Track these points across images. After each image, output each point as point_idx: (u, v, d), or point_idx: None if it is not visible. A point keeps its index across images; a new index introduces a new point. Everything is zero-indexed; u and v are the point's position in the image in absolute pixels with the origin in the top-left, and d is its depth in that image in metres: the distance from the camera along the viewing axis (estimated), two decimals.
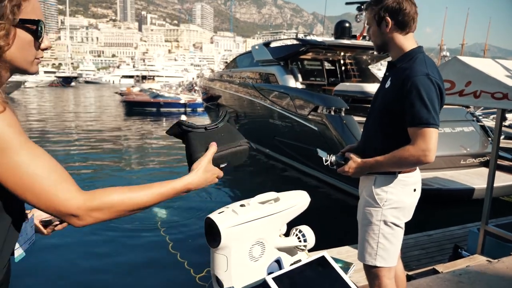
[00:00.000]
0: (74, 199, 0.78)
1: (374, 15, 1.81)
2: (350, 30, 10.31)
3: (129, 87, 34.68)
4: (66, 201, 0.77)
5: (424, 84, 1.63)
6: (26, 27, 0.82)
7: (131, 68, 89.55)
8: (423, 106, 1.61)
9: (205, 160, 0.97)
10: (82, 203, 0.78)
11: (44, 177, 0.75)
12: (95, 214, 0.81)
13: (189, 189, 0.96)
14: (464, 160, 6.85)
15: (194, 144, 0.98)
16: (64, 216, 0.78)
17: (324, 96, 8.03)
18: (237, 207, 1.17)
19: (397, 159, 1.68)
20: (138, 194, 0.86)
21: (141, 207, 0.87)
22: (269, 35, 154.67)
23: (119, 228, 5.72)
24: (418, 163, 1.67)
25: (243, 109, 11.72)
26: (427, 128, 1.61)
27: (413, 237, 4.49)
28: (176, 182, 0.94)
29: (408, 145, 1.65)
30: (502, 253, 3.23)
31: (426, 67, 1.68)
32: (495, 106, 3.50)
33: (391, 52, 1.85)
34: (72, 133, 15.36)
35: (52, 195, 0.75)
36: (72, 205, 0.77)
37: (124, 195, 0.84)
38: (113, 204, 0.82)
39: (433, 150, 1.61)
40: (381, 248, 1.79)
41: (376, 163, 1.75)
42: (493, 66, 3.70)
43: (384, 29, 1.80)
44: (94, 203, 0.80)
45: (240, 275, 1.17)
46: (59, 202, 0.76)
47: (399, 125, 1.71)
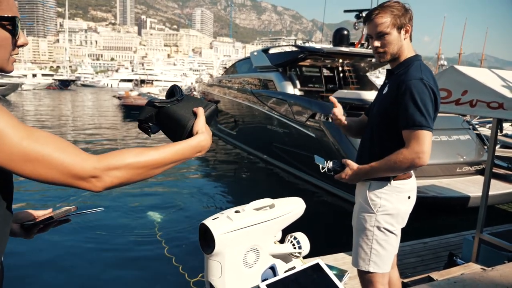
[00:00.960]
0: (88, 159, 0.77)
1: (395, 20, 1.77)
2: (348, 37, 10.38)
3: (128, 91, 34.71)
4: (82, 162, 0.76)
5: (417, 88, 1.65)
6: (1, 24, 0.81)
7: (129, 72, 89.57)
8: (416, 109, 1.63)
9: (202, 121, 0.97)
10: (97, 162, 0.77)
11: (52, 148, 0.73)
12: (113, 173, 0.79)
13: (202, 147, 0.93)
14: (460, 168, 6.88)
15: (182, 114, 0.98)
16: (83, 179, 0.77)
17: (322, 103, 8.07)
18: (232, 213, 1.17)
19: (391, 163, 1.68)
20: (153, 152, 0.84)
21: (159, 164, 0.85)
22: (268, 41, 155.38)
23: (117, 232, 5.72)
24: (412, 166, 1.67)
25: (242, 115, 11.74)
26: (420, 130, 1.63)
27: (409, 245, 4.50)
28: (189, 140, 0.92)
29: (402, 148, 1.66)
30: (496, 261, 3.23)
31: (421, 72, 1.70)
32: (491, 116, 3.53)
33: (394, 61, 1.86)
34: (69, 137, 15.32)
35: (66, 162, 0.74)
36: (88, 165, 0.76)
37: (139, 153, 0.83)
38: (129, 161, 0.80)
39: (427, 153, 1.63)
40: (374, 254, 1.80)
41: (371, 169, 1.76)
42: (489, 75, 3.73)
43: (403, 36, 1.79)
44: (110, 161, 0.79)
45: (234, 282, 1.17)
46: (74, 166, 0.75)
47: (395, 130, 1.73)
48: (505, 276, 2.81)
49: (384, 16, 1.77)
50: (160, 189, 8.28)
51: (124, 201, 7.10)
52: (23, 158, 0.71)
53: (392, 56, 1.83)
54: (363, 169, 1.80)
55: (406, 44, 1.81)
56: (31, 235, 1.04)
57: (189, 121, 0.97)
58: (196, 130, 0.95)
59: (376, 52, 1.85)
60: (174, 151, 0.88)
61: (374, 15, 1.80)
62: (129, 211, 6.71)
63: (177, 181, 8.96)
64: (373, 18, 1.80)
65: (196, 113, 0.98)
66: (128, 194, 7.44)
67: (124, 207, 6.80)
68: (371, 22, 1.81)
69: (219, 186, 9.03)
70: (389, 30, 1.78)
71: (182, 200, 7.48)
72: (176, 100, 1.00)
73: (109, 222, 6.06)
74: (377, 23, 1.78)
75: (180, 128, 0.97)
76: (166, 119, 1.00)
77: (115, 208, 6.66)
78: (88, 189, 0.79)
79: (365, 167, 1.79)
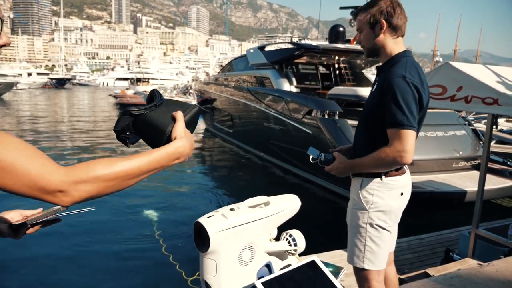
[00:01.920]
0: (56, 172, 0.71)
1: (369, 18, 1.82)
2: (344, 34, 10.37)
3: (124, 90, 34.63)
4: (49, 175, 0.70)
5: (399, 86, 1.65)
6: None
7: (125, 70, 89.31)
8: (398, 108, 1.64)
9: (181, 126, 0.91)
10: (65, 175, 0.71)
11: (19, 157, 0.67)
12: (82, 187, 0.73)
13: (180, 153, 0.87)
14: (456, 163, 6.91)
15: (160, 120, 0.93)
16: (49, 194, 0.71)
17: (318, 99, 8.07)
18: (227, 211, 1.17)
19: (375, 159, 1.71)
20: (126, 162, 0.78)
21: (133, 175, 0.79)
22: (264, 39, 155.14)
23: (113, 232, 5.72)
24: (394, 164, 1.69)
25: (238, 112, 11.73)
26: (402, 129, 1.63)
27: (406, 241, 4.51)
28: (165, 146, 0.86)
29: (385, 146, 1.68)
30: (492, 257, 3.26)
31: (405, 70, 1.70)
32: (486, 111, 3.54)
33: (381, 56, 1.87)
34: (64, 135, 15.27)
35: (32, 174, 0.68)
36: (55, 179, 0.70)
37: (110, 163, 0.77)
38: (99, 173, 0.74)
39: (409, 151, 1.63)
40: (368, 251, 1.80)
41: (357, 163, 1.80)
42: (484, 72, 3.73)
43: (378, 32, 1.81)
44: (78, 174, 0.73)
45: (229, 280, 1.17)
46: (41, 179, 0.69)
47: (382, 127, 1.73)
48: (501, 271, 2.82)
49: (363, 13, 1.85)
50: (154, 187, 8.28)
51: (117, 199, 7.09)
52: None
53: (369, 51, 1.89)
54: (349, 163, 1.83)
55: (388, 41, 1.81)
56: (20, 236, 1.01)
57: (167, 127, 0.91)
58: (174, 135, 0.89)
59: (361, 47, 1.96)
60: (148, 160, 0.82)
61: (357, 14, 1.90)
62: (124, 209, 6.70)
63: (172, 179, 8.96)
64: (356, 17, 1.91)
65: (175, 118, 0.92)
66: (121, 193, 7.40)
67: (118, 206, 6.79)
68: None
69: (216, 183, 9.03)
70: (362, 27, 1.86)
71: (178, 198, 7.49)
72: (154, 106, 0.94)
73: (104, 222, 6.05)
74: (357, 19, 1.89)
75: (158, 135, 0.91)
76: (143, 127, 0.94)
77: (108, 207, 6.64)
78: (55, 204, 0.74)
79: (351, 161, 1.83)
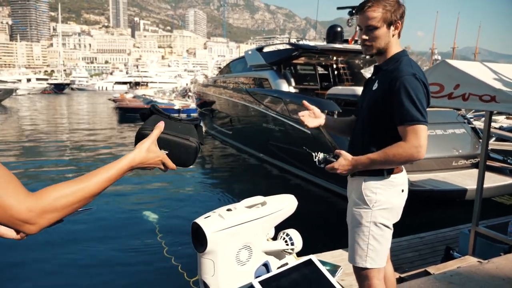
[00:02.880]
0: (24, 202, 0.71)
1: (386, 16, 1.76)
2: (342, 34, 10.38)
3: (123, 94, 34.62)
4: (18, 205, 0.71)
5: (411, 84, 1.68)
6: None
7: (124, 74, 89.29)
8: (412, 104, 1.66)
9: (148, 140, 0.95)
10: (33, 205, 0.73)
11: None
12: (48, 216, 0.75)
13: (132, 167, 0.92)
14: (456, 162, 6.91)
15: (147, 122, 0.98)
16: (15, 224, 0.72)
17: (316, 99, 8.07)
18: (224, 211, 1.17)
19: (390, 156, 1.70)
20: (87, 185, 0.82)
21: (92, 196, 0.84)
22: (262, 40, 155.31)
23: (114, 232, 5.76)
24: (410, 159, 1.70)
25: (237, 114, 11.74)
26: (417, 125, 1.65)
27: (406, 239, 4.51)
28: (120, 163, 0.90)
29: (400, 142, 1.69)
30: (492, 254, 3.26)
31: (412, 68, 1.73)
32: (483, 109, 3.55)
33: (380, 56, 1.87)
34: (64, 140, 15.27)
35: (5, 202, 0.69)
36: (23, 209, 0.71)
37: (73, 188, 0.80)
38: (65, 202, 0.78)
39: (424, 146, 1.66)
40: (371, 249, 1.80)
41: (368, 160, 1.75)
42: (481, 69, 3.74)
43: (393, 32, 1.81)
44: (46, 204, 0.75)
45: (227, 279, 1.17)
46: (11, 208, 0.70)
47: (385, 125, 1.75)
48: (501, 268, 2.83)
49: (376, 10, 1.76)
50: (154, 188, 8.32)
51: (117, 200, 7.13)
52: None
53: (377, 51, 1.84)
54: (359, 160, 1.79)
55: (394, 40, 1.82)
56: (23, 236, 1.02)
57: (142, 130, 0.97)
58: (137, 146, 0.95)
59: (363, 44, 1.87)
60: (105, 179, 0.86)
61: (367, 7, 1.78)
62: (124, 211, 6.75)
63: (172, 181, 9.00)
64: (365, 10, 1.78)
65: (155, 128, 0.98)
66: (121, 194, 7.47)
67: (118, 207, 6.84)
68: (363, 14, 1.79)
69: (215, 185, 9.05)
70: (379, 25, 1.77)
71: (177, 199, 7.52)
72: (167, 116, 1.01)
73: (105, 223, 6.09)
74: (368, 16, 1.77)
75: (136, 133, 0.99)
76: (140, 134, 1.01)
77: (109, 207, 6.69)
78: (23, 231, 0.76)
79: (361, 158, 1.78)
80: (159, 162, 0.95)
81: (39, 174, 9.35)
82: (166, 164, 0.96)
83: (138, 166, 0.93)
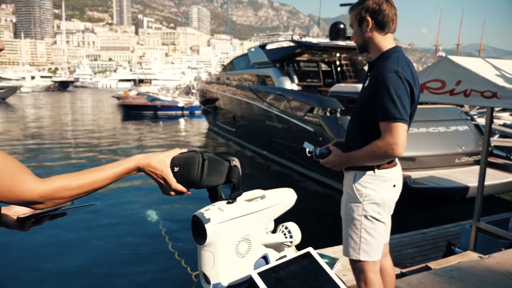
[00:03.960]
0: (36, 188, 0.82)
1: (356, 15, 1.89)
2: (345, 31, 10.37)
3: (126, 91, 34.74)
4: (29, 190, 0.81)
5: (392, 81, 1.69)
6: None
7: (128, 71, 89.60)
8: (391, 102, 1.67)
9: (163, 154, 0.98)
10: (43, 190, 0.83)
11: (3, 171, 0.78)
12: (56, 201, 0.86)
13: (138, 166, 0.96)
14: (459, 159, 6.90)
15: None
16: (28, 204, 0.83)
17: (319, 97, 8.08)
18: (223, 204, 1.20)
19: (368, 153, 1.74)
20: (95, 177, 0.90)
21: (97, 188, 0.91)
22: (265, 37, 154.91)
23: (120, 227, 5.84)
24: (386, 156, 1.72)
25: (240, 111, 11.76)
26: (394, 122, 1.67)
27: (408, 235, 4.53)
28: (128, 163, 0.95)
29: (377, 139, 1.71)
30: (493, 249, 3.27)
31: (397, 65, 1.74)
32: (485, 105, 3.55)
33: (371, 52, 1.91)
34: (69, 137, 15.37)
35: (15, 187, 0.79)
36: (35, 193, 0.82)
37: (82, 179, 0.88)
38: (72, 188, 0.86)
39: (400, 144, 1.66)
40: (363, 242, 1.84)
41: (351, 157, 1.84)
42: (483, 65, 3.74)
43: (364, 28, 1.87)
44: (54, 190, 0.84)
45: (227, 271, 1.20)
46: (22, 192, 0.80)
47: (374, 121, 1.76)
48: (501, 263, 2.84)
49: (353, 11, 1.91)
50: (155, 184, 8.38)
51: (120, 196, 7.20)
52: None
53: (359, 47, 1.96)
54: (344, 157, 1.87)
55: (377, 37, 1.86)
56: (27, 228, 1.05)
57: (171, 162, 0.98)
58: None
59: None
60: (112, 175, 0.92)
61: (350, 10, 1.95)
62: (127, 207, 6.82)
63: None
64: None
65: None
66: (124, 190, 7.55)
67: (121, 203, 6.91)
68: None
69: None
70: (352, 24, 1.94)
71: (186, 199, 7.58)
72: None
73: (109, 218, 6.17)
74: (350, 17, 1.96)
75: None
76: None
77: (113, 202, 6.78)
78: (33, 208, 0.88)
79: (346, 155, 1.87)
80: (161, 175, 0.96)
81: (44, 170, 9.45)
82: (168, 181, 0.96)
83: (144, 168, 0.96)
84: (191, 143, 14.52)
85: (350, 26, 1.97)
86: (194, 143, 14.57)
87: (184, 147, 1.27)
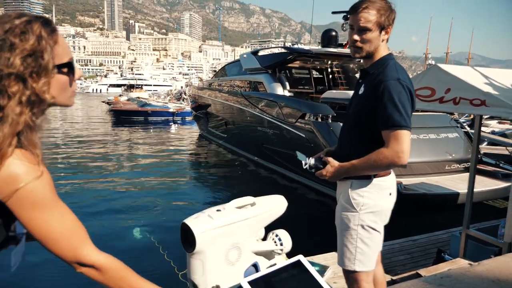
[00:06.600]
0: (92, 255, 0.90)
1: (383, 20, 1.74)
2: (336, 38, 10.44)
3: (117, 96, 34.54)
4: (87, 256, 0.89)
5: (395, 88, 1.67)
6: (61, 71, 0.87)
7: (119, 77, 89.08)
8: (395, 109, 1.65)
9: None
10: (96, 260, 0.90)
11: (69, 234, 0.86)
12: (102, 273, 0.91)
13: None
14: (449, 166, 6.96)
15: None
16: (80, 267, 0.90)
17: (311, 103, 8.11)
18: (213, 211, 1.18)
19: (372, 161, 1.69)
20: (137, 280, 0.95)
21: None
22: (257, 43, 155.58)
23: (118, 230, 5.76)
24: (392, 165, 1.69)
25: (232, 117, 11.74)
26: (399, 130, 1.64)
27: (398, 242, 4.53)
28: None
29: (382, 147, 1.67)
30: (483, 256, 3.28)
31: (397, 72, 1.72)
32: (474, 112, 3.59)
33: (367, 59, 1.86)
34: (58, 142, 15.17)
35: (75, 250, 0.87)
36: (90, 261, 0.89)
37: (127, 272, 0.94)
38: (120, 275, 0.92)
39: (406, 152, 1.63)
40: (359, 252, 1.80)
41: (351, 167, 1.77)
42: (472, 73, 3.79)
43: (383, 37, 1.79)
44: (106, 265, 0.91)
45: (216, 279, 1.18)
46: (80, 256, 0.88)
47: (372, 130, 1.73)
48: (491, 270, 2.84)
49: (371, 13, 1.72)
50: (146, 188, 8.33)
51: (109, 198, 7.13)
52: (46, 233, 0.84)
53: (366, 54, 1.81)
54: (344, 167, 1.80)
55: (383, 44, 1.81)
56: None
57: None
58: None
59: (353, 45, 1.81)
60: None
61: (361, 8, 1.74)
62: (116, 210, 6.76)
63: (162, 181, 9.01)
64: (360, 11, 1.74)
65: None
66: (113, 192, 7.49)
67: (110, 206, 6.85)
68: (358, 14, 1.75)
69: (208, 186, 9.07)
70: (373, 28, 1.74)
71: (169, 200, 7.55)
72: None
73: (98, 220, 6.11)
74: (362, 17, 1.73)
75: None
76: None
77: (101, 205, 6.71)
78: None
79: (346, 165, 1.79)
80: None
81: None
82: None
83: None
84: (182, 149, 14.44)
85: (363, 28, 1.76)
86: (185, 149, 14.49)
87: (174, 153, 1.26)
